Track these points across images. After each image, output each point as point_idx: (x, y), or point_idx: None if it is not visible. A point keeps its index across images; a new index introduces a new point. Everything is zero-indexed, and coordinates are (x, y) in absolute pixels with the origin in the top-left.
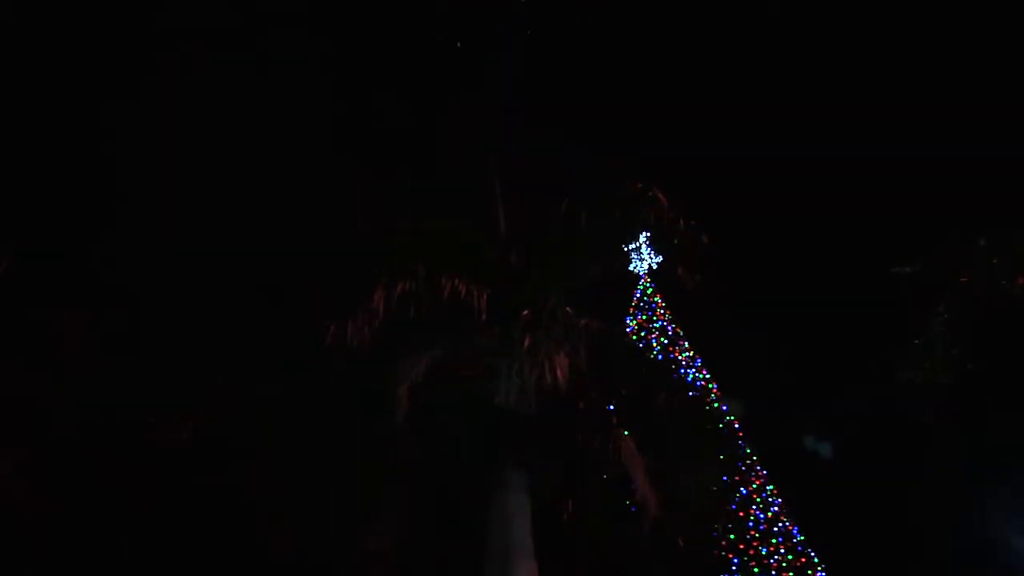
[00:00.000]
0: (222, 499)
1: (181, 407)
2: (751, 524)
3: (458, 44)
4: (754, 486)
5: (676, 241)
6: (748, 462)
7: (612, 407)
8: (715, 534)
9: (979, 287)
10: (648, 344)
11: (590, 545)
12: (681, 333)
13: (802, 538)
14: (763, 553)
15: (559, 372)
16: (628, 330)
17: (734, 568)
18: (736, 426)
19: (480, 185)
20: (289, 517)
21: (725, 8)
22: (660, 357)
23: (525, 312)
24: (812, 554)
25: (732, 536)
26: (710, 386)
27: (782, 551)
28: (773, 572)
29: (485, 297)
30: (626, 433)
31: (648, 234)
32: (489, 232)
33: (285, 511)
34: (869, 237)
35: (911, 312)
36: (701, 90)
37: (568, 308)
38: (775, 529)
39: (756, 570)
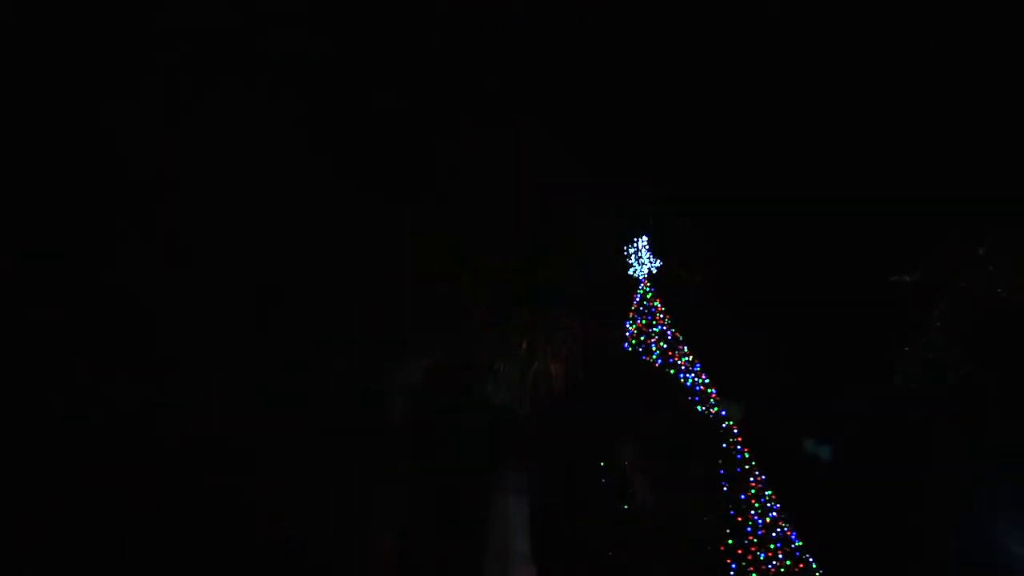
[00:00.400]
0: (222, 499)
1: (181, 407)
2: (749, 529)
3: (456, 50)
4: (752, 491)
5: (676, 243)
6: (747, 467)
7: (611, 410)
8: (713, 538)
9: (978, 289)
10: (647, 348)
11: (589, 548)
12: (681, 337)
13: (800, 543)
14: (761, 558)
15: (554, 372)
16: (627, 334)
17: (732, 573)
18: (735, 431)
19: (481, 186)
20: (289, 517)
21: (725, 7)
22: (659, 361)
23: (524, 315)
24: (810, 559)
25: (730, 541)
26: (709, 391)
27: (780, 556)
28: None
29: (485, 299)
30: (625, 437)
31: (648, 238)
32: (489, 234)
33: (285, 511)
34: (868, 239)
35: (911, 312)
36: (700, 91)
37: (567, 311)
38: (773, 534)
39: (754, 575)
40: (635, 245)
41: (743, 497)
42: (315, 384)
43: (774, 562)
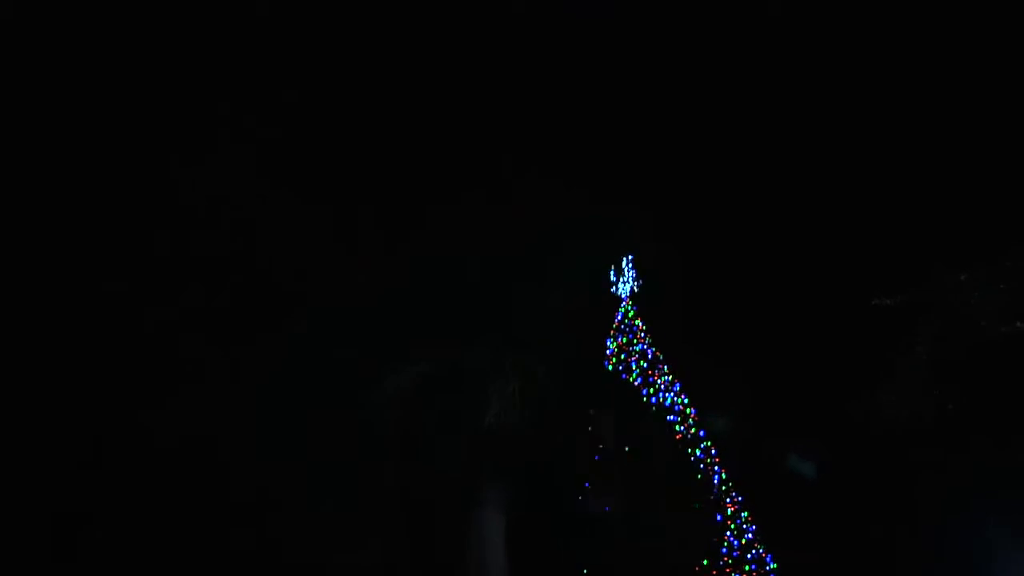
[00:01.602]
0: (209, 503)
1: (172, 411)
2: (724, 551)
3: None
4: (729, 512)
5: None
6: (724, 488)
7: (591, 427)
8: (689, 558)
9: (964, 315)
10: (627, 367)
11: (565, 564)
12: (661, 356)
13: (775, 566)
14: None
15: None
16: (608, 352)
17: None
18: (713, 452)
19: (470, 201)
20: (274, 523)
21: (714, 29)
22: (639, 380)
23: (512, 330)
24: None
25: (705, 562)
26: (688, 411)
27: None
28: None
29: (472, 313)
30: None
31: (631, 257)
32: (476, 250)
33: (271, 516)
34: (854, 254)
35: (895, 333)
36: (685, 108)
37: (551, 328)
38: (748, 556)
39: None
40: (618, 264)
41: (719, 518)
42: (305, 391)
43: None
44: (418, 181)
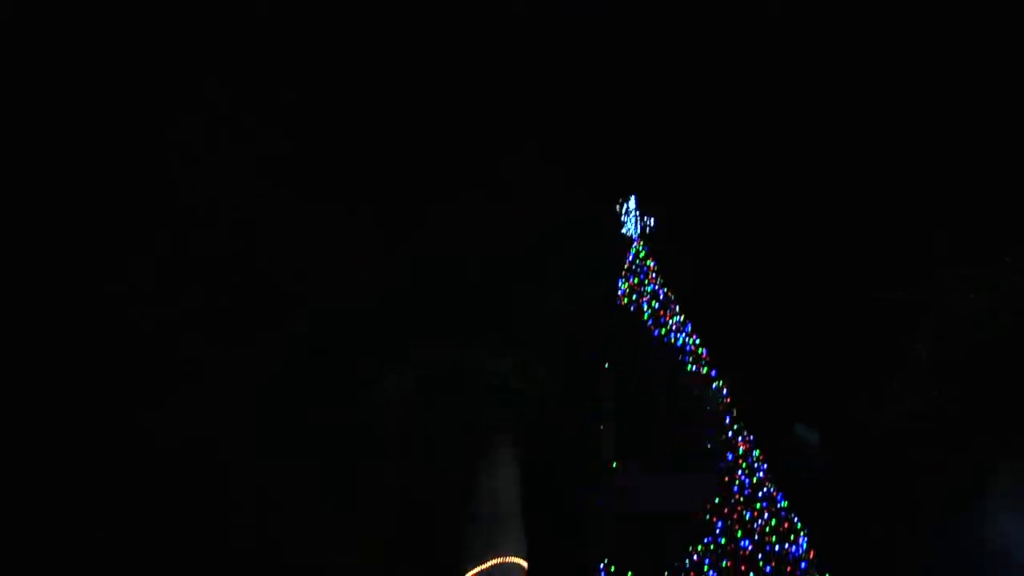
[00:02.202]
0: (213, 502)
1: (174, 411)
2: (736, 489)
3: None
4: (740, 451)
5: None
6: (735, 427)
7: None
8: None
9: (962, 320)
10: (639, 307)
11: (577, 511)
12: (673, 297)
13: (785, 504)
14: (747, 517)
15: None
16: (620, 292)
17: (718, 531)
18: (724, 392)
19: (470, 201)
20: (275, 520)
21: (709, 27)
22: (650, 322)
23: (512, 330)
24: (796, 520)
25: (717, 500)
26: (700, 351)
27: (766, 516)
28: (756, 536)
29: (472, 313)
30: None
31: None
32: (476, 250)
33: (272, 517)
34: (857, 259)
35: (899, 323)
36: (684, 109)
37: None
38: (759, 495)
39: (739, 533)
40: (628, 203)
41: (730, 457)
42: (305, 391)
43: (759, 521)
44: (418, 181)
